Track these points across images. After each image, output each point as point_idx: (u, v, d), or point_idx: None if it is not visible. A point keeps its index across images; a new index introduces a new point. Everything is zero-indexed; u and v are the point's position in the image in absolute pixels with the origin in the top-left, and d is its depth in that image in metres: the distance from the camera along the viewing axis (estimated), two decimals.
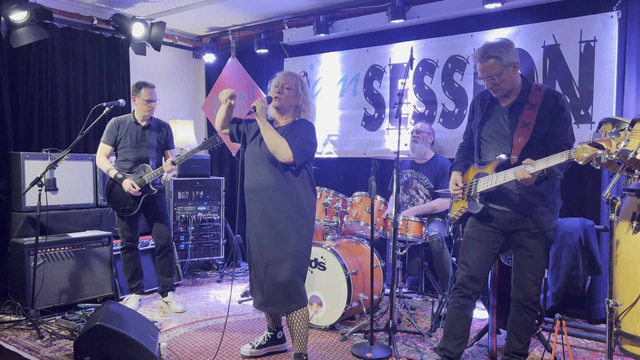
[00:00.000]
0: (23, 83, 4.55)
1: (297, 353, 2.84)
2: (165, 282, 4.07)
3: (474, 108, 2.80)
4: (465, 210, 2.70)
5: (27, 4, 4.02)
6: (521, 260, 2.63)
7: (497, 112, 2.65)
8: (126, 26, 4.79)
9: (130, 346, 2.72)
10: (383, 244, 4.65)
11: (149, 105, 3.91)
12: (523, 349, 2.70)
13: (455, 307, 2.70)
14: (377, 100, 4.84)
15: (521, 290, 2.65)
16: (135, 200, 3.89)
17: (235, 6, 4.94)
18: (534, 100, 2.54)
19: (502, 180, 2.47)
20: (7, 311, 3.83)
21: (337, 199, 3.80)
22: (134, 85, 3.95)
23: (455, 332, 2.69)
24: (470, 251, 2.68)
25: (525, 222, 2.55)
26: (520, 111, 2.55)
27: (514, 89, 2.59)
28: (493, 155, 2.61)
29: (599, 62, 3.69)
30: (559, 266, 3.58)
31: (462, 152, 2.88)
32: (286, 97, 2.82)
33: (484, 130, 2.69)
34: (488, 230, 2.64)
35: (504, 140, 2.59)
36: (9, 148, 4.37)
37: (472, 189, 2.64)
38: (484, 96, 2.75)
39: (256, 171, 2.81)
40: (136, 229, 4.06)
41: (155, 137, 4.00)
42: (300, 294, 2.78)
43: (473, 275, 2.65)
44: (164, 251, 4.04)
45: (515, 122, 2.54)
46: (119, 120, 3.97)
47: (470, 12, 4.23)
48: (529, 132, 2.49)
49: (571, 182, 3.92)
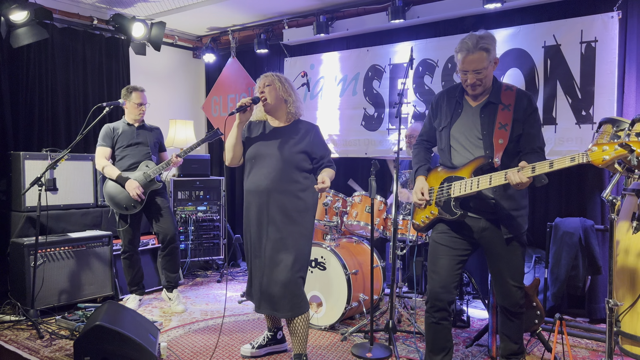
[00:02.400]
0: (23, 83, 4.55)
1: (297, 354, 2.83)
2: (171, 278, 4.07)
3: (439, 106, 2.60)
4: (434, 217, 2.52)
5: (27, 4, 4.02)
6: (499, 268, 2.53)
7: (467, 112, 2.49)
8: (126, 26, 4.79)
9: (130, 346, 2.72)
10: (383, 244, 4.66)
11: (139, 108, 3.99)
12: (518, 348, 2.68)
13: (432, 323, 2.54)
14: (377, 100, 4.84)
15: (506, 298, 2.56)
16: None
17: (235, 6, 4.94)
18: (507, 101, 2.41)
19: (486, 185, 2.32)
20: (7, 311, 3.83)
21: (337, 199, 3.79)
22: (124, 90, 4.00)
23: (439, 345, 2.57)
24: (440, 258, 2.52)
25: (498, 229, 2.44)
26: (494, 111, 2.41)
27: (487, 87, 2.45)
28: (466, 158, 2.45)
29: (600, 63, 3.69)
30: (559, 266, 3.58)
31: (420, 154, 2.70)
32: (269, 94, 2.84)
33: (453, 131, 2.51)
34: (459, 237, 2.50)
35: (476, 141, 2.43)
36: (9, 148, 4.37)
37: (444, 193, 2.47)
38: (451, 94, 2.58)
39: (268, 173, 2.79)
40: (138, 230, 4.04)
41: (150, 137, 4.05)
42: (302, 298, 2.77)
43: (444, 284, 2.49)
44: (170, 248, 4.00)
45: (492, 123, 2.40)
46: (112, 124, 4.02)
47: (470, 12, 4.23)
48: (507, 133, 2.36)
49: (571, 182, 3.92)
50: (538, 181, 2.27)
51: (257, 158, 2.84)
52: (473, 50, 2.35)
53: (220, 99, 5.93)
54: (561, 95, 3.86)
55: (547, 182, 2.29)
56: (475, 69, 2.37)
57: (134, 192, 3.78)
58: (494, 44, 2.40)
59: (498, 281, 2.57)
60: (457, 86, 2.59)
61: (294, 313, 2.75)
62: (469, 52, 2.36)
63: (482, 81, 2.40)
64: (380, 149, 4.80)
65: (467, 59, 2.37)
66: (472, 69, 2.37)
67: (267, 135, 2.87)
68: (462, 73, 2.43)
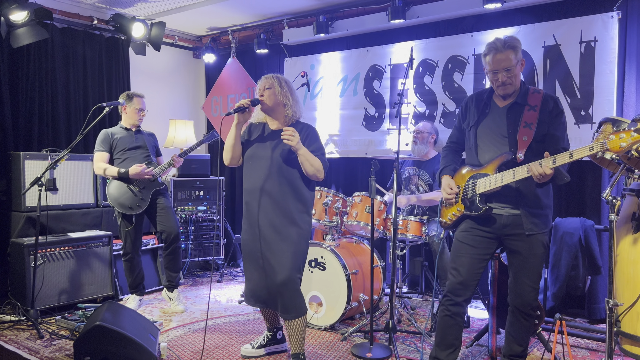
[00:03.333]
0: (23, 83, 4.55)
1: (294, 353, 2.84)
2: (172, 277, 4.07)
3: (468, 108, 2.72)
4: (460, 214, 2.61)
5: (27, 4, 4.02)
6: (517, 266, 2.57)
7: (494, 112, 2.60)
8: (126, 26, 4.79)
9: (130, 346, 2.72)
10: (383, 244, 4.66)
11: (140, 113, 4.03)
12: (522, 351, 2.68)
13: (446, 316, 2.61)
14: (377, 101, 4.84)
15: (518, 297, 2.59)
16: (145, 195, 3.90)
17: (235, 6, 4.94)
18: (534, 102, 2.51)
19: (510, 179, 2.41)
20: (7, 311, 3.84)
21: (337, 199, 3.79)
22: (124, 95, 4.03)
23: (448, 341, 2.62)
24: (462, 256, 2.60)
25: (520, 226, 2.49)
26: (520, 112, 2.51)
27: (516, 89, 2.56)
28: (492, 155, 2.54)
29: (599, 63, 3.69)
30: (559, 266, 3.58)
31: (448, 156, 2.80)
32: (268, 97, 2.86)
33: (480, 130, 2.62)
34: (481, 235, 2.57)
35: (502, 140, 2.53)
36: (9, 148, 4.37)
37: (469, 191, 2.57)
38: (480, 96, 2.69)
39: (263, 175, 2.80)
40: (141, 233, 4.05)
41: (148, 141, 4.09)
42: (300, 300, 2.78)
43: (464, 281, 2.57)
44: (173, 247, 4.01)
45: (517, 122, 2.51)
46: (109, 129, 4.03)
47: (470, 12, 4.23)
48: (532, 131, 2.46)
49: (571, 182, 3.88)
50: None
51: (254, 159, 2.87)
52: (502, 49, 2.48)
53: (220, 99, 5.93)
54: (560, 95, 3.86)
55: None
56: (505, 67, 2.48)
57: (141, 172, 3.80)
58: (519, 45, 2.51)
59: (514, 279, 2.61)
60: (486, 90, 2.70)
61: (297, 314, 2.76)
62: (498, 50, 2.48)
63: (512, 80, 2.50)
64: (380, 149, 4.80)
65: (496, 58, 2.49)
66: (502, 67, 2.48)
67: (265, 137, 2.91)
68: (492, 74, 2.53)
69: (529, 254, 2.53)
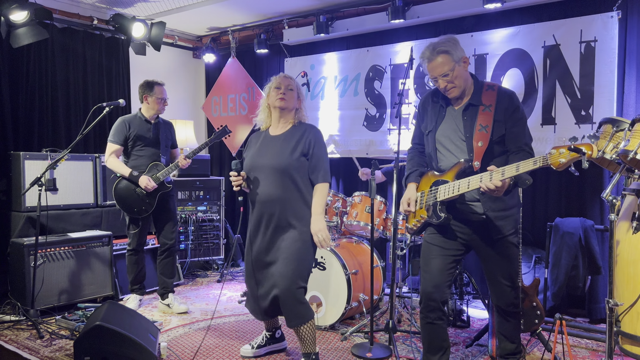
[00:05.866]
0: (23, 83, 4.55)
1: (306, 353, 2.81)
2: (167, 283, 4.04)
3: (425, 109, 2.62)
4: (424, 220, 2.52)
5: (27, 4, 4.02)
6: (491, 268, 2.53)
7: (450, 115, 2.50)
8: (126, 26, 4.78)
9: (130, 346, 2.72)
10: (383, 244, 4.65)
11: (162, 103, 3.93)
12: (516, 348, 2.68)
13: (428, 324, 2.55)
14: (378, 101, 4.84)
15: (500, 298, 2.57)
16: (151, 199, 3.87)
17: (235, 6, 4.94)
18: (488, 101, 2.41)
19: (465, 189, 2.32)
20: (7, 311, 3.84)
21: (337, 199, 3.80)
22: (144, 84, 3.93)
23: (436, 345, 2.57)
24: (433, 259, 2.53)
25: (487, 231, 2.45)
26: (475, 113, 2.42)
27: (467, 88, 2.46)
28: (451, 161, 2.46)
29: (600, 63, 3.69)
30: (559, 266, 3.58)
31: (414, 159, 2.69)
32: (290, 99, 2.83)
33: (438, 135, 2.52)
34: (450, 237, 2.52)
35: (461, 144, 2.44)
36: (9, 148, 4.37)
37: (432, 197, 2.47)
38: (434, 97, 2.58)
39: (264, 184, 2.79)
40: (146, 232, 4.03)
41: (164, 134, 4.01)
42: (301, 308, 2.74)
43: (436, 283, 2.50)
44: (168, 252, 4.01)
45: (472, 125, 2.40)
46: (127, 119, 3.92)
47: (470, 12, 4.23)
48: (488, 135, 2.36)
49: (571, 182, 3.92)
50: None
51: (254, 170, 2.83)
52: (431, 57, 2.41)
53: (220, 99, 5.93)
54: (560, 95, 3.86)
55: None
56: (441, 74, 2.40)
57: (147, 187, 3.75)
58: (453, 45, 2.41)
59: (491, 281, 2.58)
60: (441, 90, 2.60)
61: (301, 321, 2.73)
62: (429, 60, 2.43)
63: (455, 83, 2.41)
64: (382, 149, 4.80)
65: (430, 67, 2.42)
66: (438, 74, 2.41)
67: (265, 146, 2.87)
68: (433, 81, 2.46)
69: (501, 256, 2.48)
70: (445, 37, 2.45)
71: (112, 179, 4.14)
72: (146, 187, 3.77)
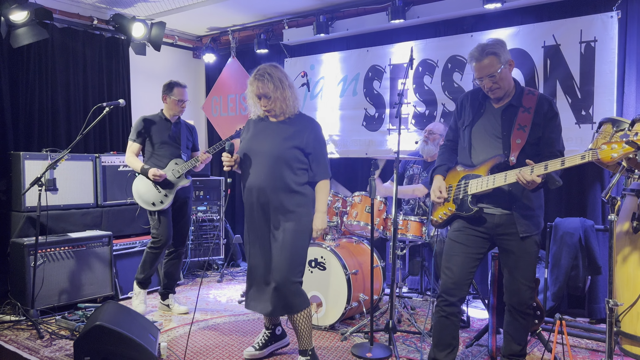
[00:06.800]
0: (23, 83, 4.55)
1: (302, 350, 2.83)
2: (170, 284, 4.03)
3: (463, 106, 2.70)
4: (451, 213, 2.60)
5: (27, 4, 4.02)
6: (511, 266, 2.57)
7: (489, 113, 2.58)
8: (126, 26, 4.79)
9: (130, 346, 2.72)
10: (383, 244, 4.65)
11: (180, 105, 3.91)
12: (521, 350, 2.69)
13: (442, 317, 2.60)
14: (377, 101, 4.84)
15: (514, 296, 2.59)
16: (168, 192, 3.82)
17: (235, 6, 4.94)
18: (528, 104, 2.50)
19: (501, 182, 2.40)
20: (7, 311, 3.83)
21: (337, 199, 3.79)
22: (165, 85, 3.92)
23: (445, 341, 2.62)
24: (455, 256, 2.59)
25: (513, 227, 2.49)
26: (515, 114, 2.50)
27: (509, 90, 2.53)
28: (485, 157, 2.53)
29: (600, 62, 3.69)
30: (559, 266, 3.58)
31: (444, 154, 2.78)
32: (273, 102, 2.78)
33: (474, 130, 2.60)
34: (474, 234, 2.57)
35: (496, 141, 2.52)
36: (9, 148, 4.37)
37: (461, 191, 2.56)
38: (475, 95, 2.67)
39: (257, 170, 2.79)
40: (170, 229, 3.89)
41: (185, 135, 3.99)
42: (301, 294, 2.79)
43: (457, 280, 2.56)
44: (176, 253, 4.01)
45: (511, 124, 2.49)
46: (147, 118, 3.90)
47: (470, 12, 4.23)
48: (526, 134, 2.45)
49: (571, 182, 3.92)
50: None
51: (249, 154, 2.82)
52: (479, 57, 2.48)
53: (220, 99, 5.93)
54: (561, 95, 3.86)
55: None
56: (488, 74, 2.47)
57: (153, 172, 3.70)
58: (501, 47, 2.49)
59: (508, 279, 2.61)
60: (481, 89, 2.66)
61: (296, 309, 2.75)
62: (477, 60, 2.49)
63: (499, 84, 2.49)
64: (381, 149, 4.80)
65: (477, 66, 2.49)
66: (485, 75, 2.48)
67: (262, 132, 2.86)
68: (478, 80, 2.53)
69: (523, 253, 2.53)
70: (493, 39, 2.54)
71: (129, 177, 4.17)
72: (154, 177, 3.72)
